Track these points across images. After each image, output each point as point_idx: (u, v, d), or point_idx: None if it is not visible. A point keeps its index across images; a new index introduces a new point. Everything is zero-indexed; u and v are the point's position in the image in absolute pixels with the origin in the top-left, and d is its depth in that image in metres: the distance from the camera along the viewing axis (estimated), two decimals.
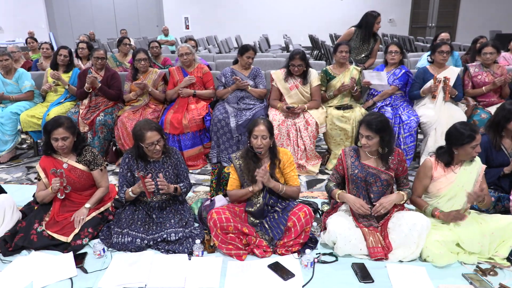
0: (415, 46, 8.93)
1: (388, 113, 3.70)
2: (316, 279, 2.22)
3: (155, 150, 2.56)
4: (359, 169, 2.48)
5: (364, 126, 2.39)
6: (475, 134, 2.35)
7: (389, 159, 2.46)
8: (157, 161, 2.67)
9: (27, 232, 2.50)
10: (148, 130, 2.52)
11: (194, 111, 3.94)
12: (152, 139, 2.52)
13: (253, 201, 2.58)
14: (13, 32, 13.74)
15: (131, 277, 2.21)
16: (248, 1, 14.25)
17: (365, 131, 2.38)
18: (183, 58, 4.02)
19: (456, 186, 2.45)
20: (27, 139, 4.87)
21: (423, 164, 2.55)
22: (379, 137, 2.37)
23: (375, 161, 2.49)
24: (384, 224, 2.47)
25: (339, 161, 2.58)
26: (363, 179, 2.47)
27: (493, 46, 3.84)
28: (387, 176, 2.45)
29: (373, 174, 2.46)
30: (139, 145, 2.56)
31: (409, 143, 3.69)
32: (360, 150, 2.53)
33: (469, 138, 2.35)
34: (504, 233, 2.30)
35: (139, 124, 2.61)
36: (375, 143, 2.39)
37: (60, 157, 2.70)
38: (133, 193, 2.58)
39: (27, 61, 5.50)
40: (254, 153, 2.54)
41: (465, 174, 2.46)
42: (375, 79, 3.79)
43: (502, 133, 2.80)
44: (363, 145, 2.41)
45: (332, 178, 2.62)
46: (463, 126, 2.40)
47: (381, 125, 2.36)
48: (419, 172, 2.56)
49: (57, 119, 2.63)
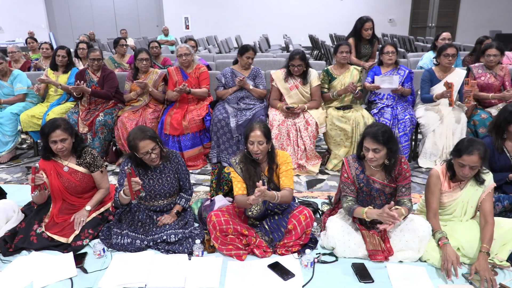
0: (415, 46, 8.93)
1: (388, 114, 3.70)
2: (316, 279, 2.22)
3: (151, 158, 2.49)
4: (365, 183, 2.40)
5: (370, 140, 2.25)
6: (463, 152, 2.18)
7: (392, 170, 2.36)
8: (157, 166, 2.63)
9: (26, 234, 2.50)
10: (141, 140, 2.43)
11: (194, 111, 3.94)
12: (145, 149, 2.44)
13: (252, 205, 2.55)
14: (13, 32, 13.74)
15: (131, 277, 2.21)
16: (248, 1, 14.26)
17: (372, 144, 2.24)
18: (182, 59, 4.01)
19: (460, 202, 2.37)
20: (27, 139, 4.87)
21: (430, 176, 2.40)
22: (387, 148, 2.25)
23: (380, 174, 2.40)
24: (385, 229, 2.43)
25: (343, 172, 2.44)
26: (367, 193, 2.42)
27: (497, 48, 3.81)
28: (391, 189, 2.39)
29: (378, 189, 2.39)
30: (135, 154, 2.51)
31: (403, 142, 3.69)
32: (364, 162, 2.43)
33: (456, 153, 2.23)
34: (504, 238, 2.28)
35: (131, 133, 2.50)
36: (383, 156, 2.27)
37: (60, 160, 2.67)
38: (124, 194, 2.45)
39: (27, 61, 5.50)
40: (252, 158, 2.48)
41: (471, 190, 2.34)
42: (385, 83, 3.74)
43: (504, 135, 2.76)
44: (370, 159, 2.28)
45: (348, 192, 2.40)
46: (466, 140, 2.25)
47: (387, 136, 2.24)
48: (428, 185, 2.40)
49: (53, 121, 2.57)
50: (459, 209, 2.40)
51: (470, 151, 2.17)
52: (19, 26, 13.63)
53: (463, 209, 2.39)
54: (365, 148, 2.31)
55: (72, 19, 15.10)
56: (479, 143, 2.21)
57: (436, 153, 3.74)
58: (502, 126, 2.73)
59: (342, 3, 13.79)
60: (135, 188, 2.35)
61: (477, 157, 2.17)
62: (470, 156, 2.17)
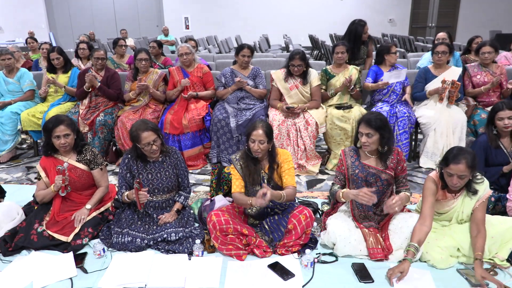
0: (415, 46, 8.93)
1: (385, 112, 3.71)
2: (316, 279, 2.22)
3: (152, 150, 2.55)
4: (360, 169, 2.46)
5: (363, 124, 2.37)
6: (450, 161, 2.17)
7: (388, 158, 2.44)
8: (156, 161, 2.67)
9: (27, 232, 2.50)
10: (144, 131, 2.51)
11: (194, 111, 3.94)
12: (148, 139, 2.51)
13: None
14: (13, 32, 13.74)
15: (131, 277, 2.21)
16: (248, 1, 14.26)
17: (365, 129, 2.35)
18: (183, 58, 4.03)
19: (455, 212, 2.37)
20: (27, 139, 4.87)
21: (426, 180, 2.40)
22: (379, 134, 2.35)
23: (375, 161, 2.47)
24: (385, 226, 2.46)
25: (340, 162, 2.56)
26: (363, 179, 2.45)
27: (491, 45, 3.84)
28: (387, 175, 2.44)
29: (373, 174, 2.44)
30: (137, 146, 2.57)
31: (403, 140, 3.71)
32: (360, 151, 2.51)
33: (443, 161, 2.24)
34: (504, 237, 2.28)
35: (135, 125, 2.60)
36: (375, 141, 2.37)
37: (60, 156, 2.70)
38: (128, 198, 2.58)
39: (27, 61, 5.51)
40: (252, 156, 2.50)
41: (466, 201, 2.32)
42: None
43: (494, 129, 2.80)
44: (363, 143, 2.38)
45: (336, 180, 2.56)
46: (455, 149, 2.24)
47: (380, 123, 2.34)
48: (423, 190, 2.39)
49: (57, 117, 2.64)
50: (455, 218, 2.41)
51: (457, 160, 2.16)
52: (19, 26, 13.62)
53: (459, 217, 2.39)
54: (359, 133, 2.41)
55: (72, 19, 15.10)
56: (467, 152, 2.19)
57: (437, 153, 3.74)
58: (491, 119, 2.81)
59: (342, 3, 13.78)
60: (142, 200, 2.48)
61: (464, 166, 2.15)
62: (457, 165, 2.16)
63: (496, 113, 2.80)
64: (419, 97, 3.85)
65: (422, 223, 2.27)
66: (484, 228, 2.26)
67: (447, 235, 2.35)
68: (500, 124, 2.77)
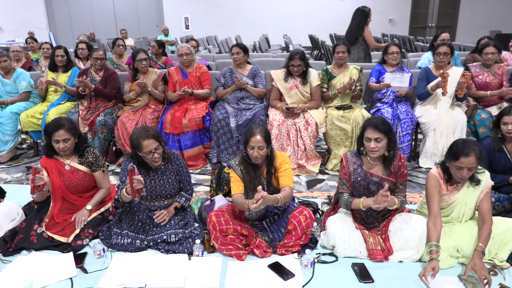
0: (415, 46, 8.92)
1: (388, 114, 3.71)
2: (316, 279, 2.22)
3: (154, 158, 2.47)
4: (362, 177, 2.41)
5: (371, 129, 2.28)
6: (460, 155, 2.17)
7: (392, 163, 2.37)
8: (159, 168, 2.61)
9: (26, 233, 2.50)
10: (145, 139, 2.41)
11: (194, 110, 3.94)
12: (149, 148, 2.43)
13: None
14: (13, 32, 13.74)
15: (131, 277, 2.21)
16: (248, 1, 14.25)
17: (374, 134, 2.27)
18: (182, 58, 4.02)
19: (458, 205, 2.36)
20: (27, 139, 4.86)
21: (428, 178, 2.37)
22: (387, 138, 2.29)
23: (378, 168, 2.41)
24: (385, 227, 2.44)
25: (342, 168, 2.47)
26: (365, 187, 2.41)
27: (494, 46, 3.83)
28: (389, 183, 2.38)
29: (376, 182, 2.39)
30: (138, 154, 2.49)
31: (406, 142, 3.71)
32: (363, 157, 2.44)
33: (452, 156, 2.22)
34: (504, 237, 2.28)
35: (135, 132, 2.50)
36: (384, 146, 2.29)
37: (62, 158, 2.68)
38: (126, 193, 2.45)
39: (27, 61, 5.50)
40: (250, 162, 2.46)
41: (469, 192, 2.33)
42: (396, 81, 3.76)
43: (499, 133, 2.77)
44: (372, 149, 2.29)
45: (344, 188, 2.45)
46: (460, 142, 2.24)
47: (388, 126, 2.29)
48: (427, 189, 2.37)
49: (57, 121, 2.58)
50: (456, 212, 2.39)
51: (466, 152, 2.17)
52: (19, 26, 13.62)
53: (461, 211, 2.38)
54: (366, 139, 2.32)
55: (72, 19, 15.10)
56: (474, 144, 2.22)
57: (436, 153, 3.74)
58: (497, 123, 2.77)
59: (342, 3, 13.77)
60: (136, 186, 2.33)
61: (474, 158, 2.17)
62: (468, 157, 2.17)
63: (502, 116, 2.76)
64: (423, 95, 3.81)
65: (434, 221, 2.27)
66: (491, 217, 2.27)
67: (447, 235, 2.34)
68: (504, 128, 2.72)
